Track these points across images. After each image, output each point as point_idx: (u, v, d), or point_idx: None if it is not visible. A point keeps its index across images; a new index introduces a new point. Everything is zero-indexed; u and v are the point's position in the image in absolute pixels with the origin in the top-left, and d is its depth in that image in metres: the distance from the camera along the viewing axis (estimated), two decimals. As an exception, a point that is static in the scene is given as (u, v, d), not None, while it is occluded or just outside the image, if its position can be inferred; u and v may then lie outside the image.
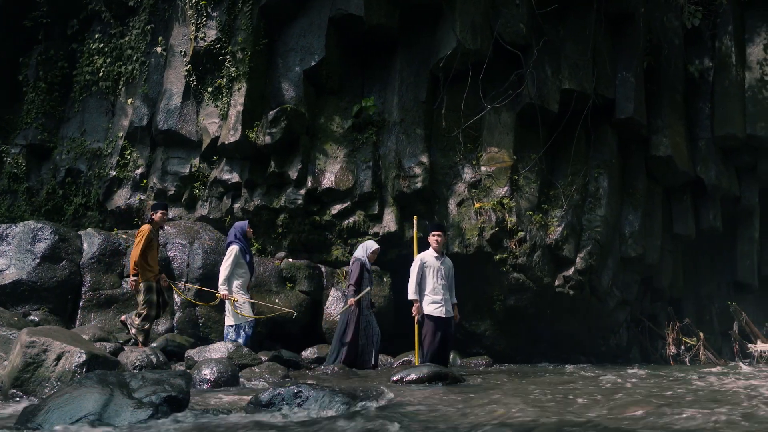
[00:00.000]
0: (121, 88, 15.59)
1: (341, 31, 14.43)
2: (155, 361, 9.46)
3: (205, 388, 8.44)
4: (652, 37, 16.29)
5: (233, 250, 11.32)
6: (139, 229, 11.23)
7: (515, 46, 14.33)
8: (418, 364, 10.59)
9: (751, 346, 16.00)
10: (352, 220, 14.01)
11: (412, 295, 10.59)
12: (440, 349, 10.53)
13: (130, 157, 15.02)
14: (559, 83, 14.80)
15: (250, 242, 11.90)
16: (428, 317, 10.54)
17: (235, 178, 14.17)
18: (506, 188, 14.01)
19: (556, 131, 14.74)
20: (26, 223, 12.46)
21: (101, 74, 15.69)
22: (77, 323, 11.69)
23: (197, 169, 14.59)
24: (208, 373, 8.76)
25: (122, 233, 13.06)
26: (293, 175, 13.93)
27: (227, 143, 13.96)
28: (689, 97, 17.03)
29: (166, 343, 10.93)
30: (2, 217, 15.02)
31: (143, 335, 10.75)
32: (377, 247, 11.87)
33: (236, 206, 14.19)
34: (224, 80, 14.37)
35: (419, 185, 13.86)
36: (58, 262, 11.90)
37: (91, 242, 12.37)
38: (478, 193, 14.06)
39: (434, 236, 10.81)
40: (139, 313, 10.78)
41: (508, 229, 13.79)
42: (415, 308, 10.59)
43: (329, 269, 13.76)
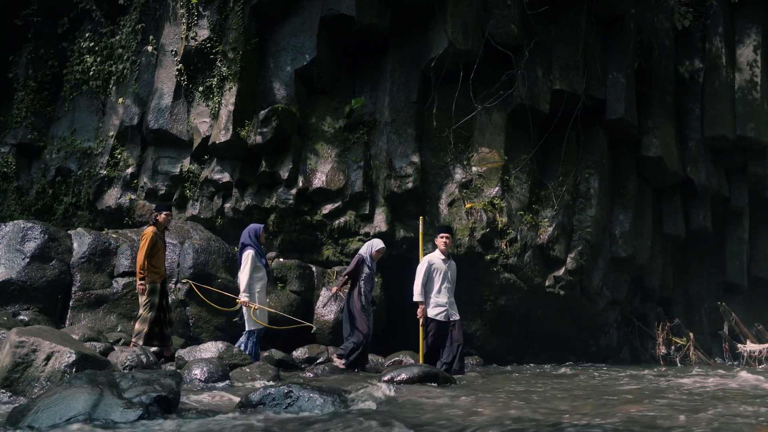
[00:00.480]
0: (111, 87, 15.54)
1: (333, 31, 14.42)
2: (145, 361, 9.44)
3: (195, 388, 8.43)
4: (642, 38, 16.33)
5: (249, 254, 10.89)
6: (143, 231, 11.12)
7: (506, 46, 14.35)
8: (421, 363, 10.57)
9: (740, 346, 16.04)
10: (343, 220, 14.01)
11: (417, 296, 10.55)
12: (435, 352, 10.51)
13: (120, 156, 14.98)
14: (550, 84, 14.83)
15: (262, 246, 11.62)
16: (433, 321, 10.53)
17: (225, 177, 14.15)
18: (497, 188, 14.03)
19: (547, 132, 14.76)
20: (16, 222, 12.41)
21: (92, 73, 15.64)
22: (67, 323, 11.66)
23: (188, 168, 14.56)
24: (198, 373, 8.76)
25: (112, 233, 13.03)
26: (284, 174, 13.91)
27: (218, 143, 13.93)
28: (679, 97, 17.08)
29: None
30: (-8, 216, 14.98)
31: (141, 338, 10.50)
32: (383, 246, 11.78)
33: (227, 206, 14.17)
34: (215, 80, 14.35)
35: (410, 185, 13.87)
36: (48, 261, 11.86)
37: (81, 242, 12.33)
38: (469, 193, 14.08)
39: (443, 238, 10.76)
40: (139, 314, 10.66)
41: (498, 229, 13.81)
42: (420, 310, 10.55)
43: (320, 269, 13.76)
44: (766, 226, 18.58)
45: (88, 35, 15.90)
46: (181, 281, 12.14)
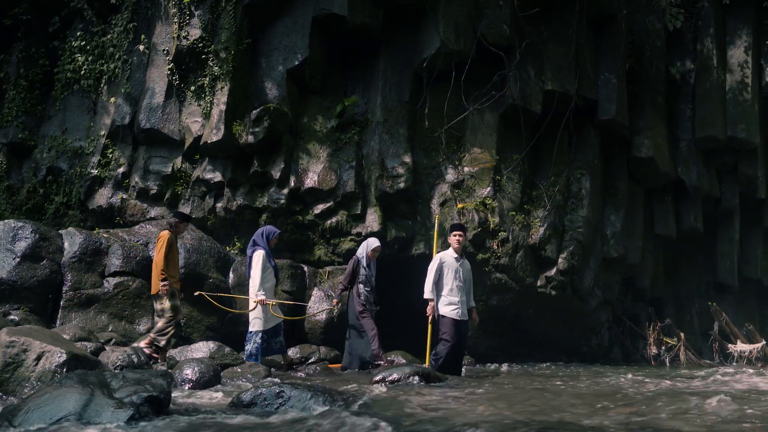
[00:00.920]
0: (103, 86, 15.48)
1: (325, 30, 14.41)
2: (136, 360, 9.43)
3: (186, 387, 8.41)
4: (634, 38, 16.37)
5: (260, 255, 11.12)
6: (159, 234, 11.16)
7: (498, 47, 14.36)
8: (428, 365, 10.42)
9: (730, 346, 16.11)
10: (334, 220, 14.01)
11: (428, 294, 10.45)
12: (455, 352, 10.39)
13: (111, 155, 14.93)
14: (541, 84, 14.85)
15: (272, 250, 11.69)
16: (444, 318, 10.40)
17: (217, 177, 14.13)
18: (489, 189, 14.04)
19: (538, 132, 14.78)
20: (6, 222, 12.34)
21: (83, 72, 15.58)
22: (58, 323, 11.60)
23: (180, 168, 14.53)
24: (189, 372, 8.74)
25: (104, 232, 12.98)
26: (276, 174, 13.90)
27: (210, 142, 13.91)
28: (671, 98, 17.13)
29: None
30: (-18, 215, 14.91)
31: (165, 339, 10.55)
32: (378, 244, 11.75)
33: (219, 205, 14.15)
34: (207, 79, 14.32)
35: (402, 185, 13.87)
36: (38, 261, 11.81)
37: (72, 241, 12.27)
38: (461, 193, 14.09)
39: (456, 236, 10.69)
40: (163, 325, 10.61)
41: (490, 229, 13.82)
42: (429, 308, 10.46)
43: (312, 269, 13.75)
44: (756, 226, 18.66)
45: (79, 34, 15.84)
46: (194, 294, 12.11)
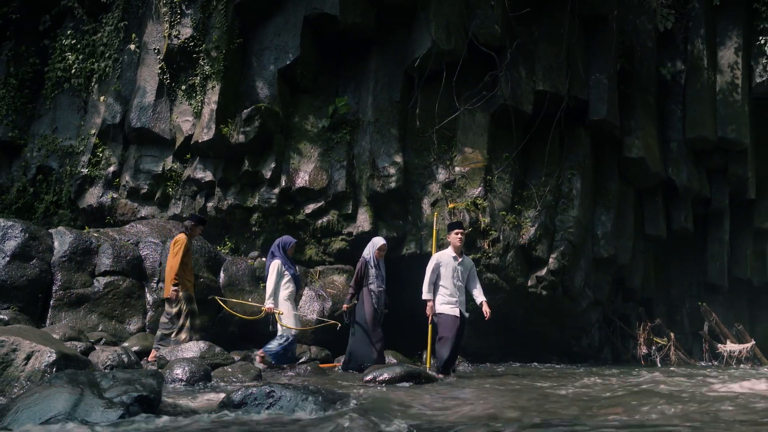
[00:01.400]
0: (93, 85, 15.44)
1: (316, 30, 14.41)
2: (126, 360, 9.40)
3: (177, 387, 8.39)
4: (625, 39, 16.41)
5: (275, 265, 11.29)
6: (175, 237, 11.37)
7: (489, 47, 14.37)
8: (429, 366, 10.39)
9: (720, 346, 16.16)
10: (325, 219, 14.01)
11: (426, 295, 10.40)
12: (454, 350, 10.36)
13: (102, 155, 14.89)
14: (533, 84, 14.87)
15: (291, 258, 11.75)
16: (443, 316, 10.35)
17: (208, 176, 14.12)
18: (480, 189, 14.05)
19: (529, 132, 14.81)
20: (-4, 221, 12.31)
21: (73, 71, 15.53)
22: (48, 322, 11.56)
23: (170, 167, 14.50)
24: (180, 372, 8.72)
25: (94, 232, 12.95)
26: (267, 174, 13.90)
27: (201, 142, 13.89)
28: (661, 99, 17.17)
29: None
30: (-28, 214, 14.84)
31: (187, 333, 10.95)
32: (383, 243, 11.59)
33: (209, 205, 14.14)
34: (198, 78, 14.30)
35: (393, 185, 13.88)
36: (28, 260, 11.75)
37: (62, 241, 12.22)
38: (452, 193, 14.10)
39: (458, 234, 10.59)
40: (180, 325, 10.97)
41: (481, 229, 13.83)
42: (428, 308, 10.41)
43: (303, 269, 13.73)
44: (746, 227, 18.71)
45: (69, 33, 15.79)
46: (208, 298, 12.16)
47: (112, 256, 12.22)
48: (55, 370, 7.13)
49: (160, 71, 14.58)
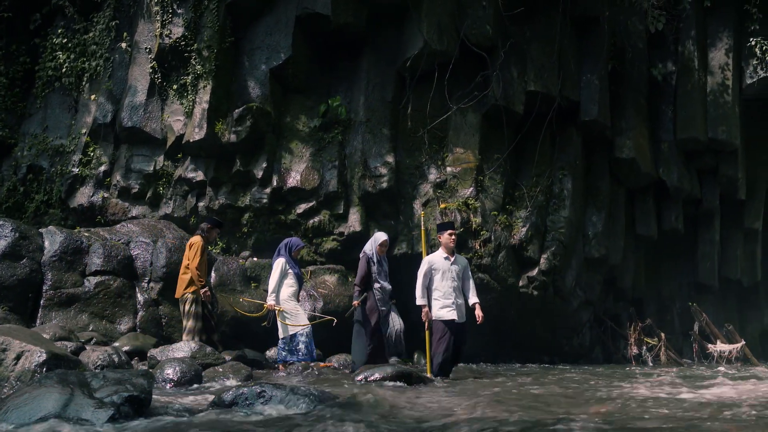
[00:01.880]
0: (84, 84, 15.39)
1: (308, 29, 14.39)
2: (117, 360, 9.39)
3: (167, 387, 8.38)
4: (616, 40, 16.44)
5: (280, 262, 11.49)
6: (191, 240, 11.56)
7: (481, 47, 14.38)
8: (429, 373, 10.21)
9: (710, 346, 16.21)
10: (317, 219, 14.01)
11: (419, 300, 10.20)
12: (454, 355, 10.23)
13: (93, 154, 14.85)
14: (524, 85, 14.89)
15: (296, 260, 11.88)
16: (437, 321, 10.19)
17: (199, 176, 14.10)
18: (471, 189, 14.07)
19: (521, 133, 14.83)
20: (-14, 220, 12.26)
21: (64, 70, 15.48)
22: (38, 322, 11.52)
23: (161, 167, 14.47)
24: (170, 372, 8.72)
25: (84, 231, 12.91)
26: (258, 173, 13.89)
27: (192, 141, 13.87)
28: (653, 100, 17.20)
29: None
30: (-39, 214, 14.77)
31: (190, 335, 11.04)
32: (385, 238, 11.42)
33: (201, 205, 14.12)
34: (190, 78, 14.27)
35: (385, 185, 13.88)
36: (18, 260, 11.71)
37: (52, 240, 12.18)
38: (443, 193, 14.11)
39: (451, 234, 10.45)
40: (188, 326, 11.12)
41: (473, 229, 13.84)
42: (424, 314, 10.20)
43: (294, 269, 13.72)
44: (736, 227, 18.77)
45: (60, 31, 15.73)
46: (231, 305, 12.27)
47: (102, 255, 12.18)
48: (45, 370, 7.12)
49: (151, 70, 14.54)
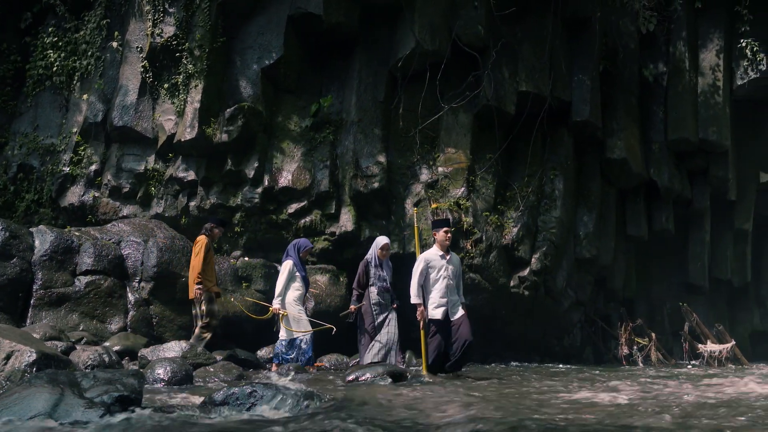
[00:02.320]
0: (75, 83, 15.35)
1: (300, 29, 14.39)
2: (107, 360, 9.37)
3: (158, 387, 8.37)
4: (608, 41, 16.48)
5: (288, 264, 11.56)
6: (196, 239, 11.68)
7: (473, 47, 14.40)
8: (425, 372, 10.20)
9: (701, 346, 16.25)
10: (308, 219, 14.00)
11: (414, 299, 10.15)
12: (444, 353, 10.15)
13: (84, 153, 14.81)
14: (516, 85, 14.91)
15: (304, 262, 11.99)
16: (431, 321, 10.16)
17: (191, 175, 14.08)
18: (463, 189, 14.08)
19: (512, 133, 14.85)
20: (-24, 219, 12.21)
21: (55, 69, 15.43)
22: (28, 322, 11.48)
23: (153, 166, 14.44)
24: (161, 372, 8.70)
25: (75, 231, 12.87)
26: (250, 173, 13.88)
27: (183, 141, 13.85)
28: (644, 100, 17.25)
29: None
30: (-49, 213, 14.72)
31: (202, 344, 11.09)
32: (386, 242, 11.52)
33: (192, 204, 14.10)
34: (181, 77, 14.25)
35: (376, 185, 13.88)
36: (8, 259, 11.67)
37: (43, 239, 12.14)
38: (434, 193, 14.12)
39: (447, 232, 10.38)
40: (202, 325, 11.23)
41: (464, 229, 13.85)
42: (419, 313, 10.17)
43: (285, 269, 13.72)
44: (727, 228, 18.84)
45: (51, 30, 15.69)
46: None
47: (93, 255, 12.14)
48: (35, 369, 7.10)
49: (142, 70, 14.52)
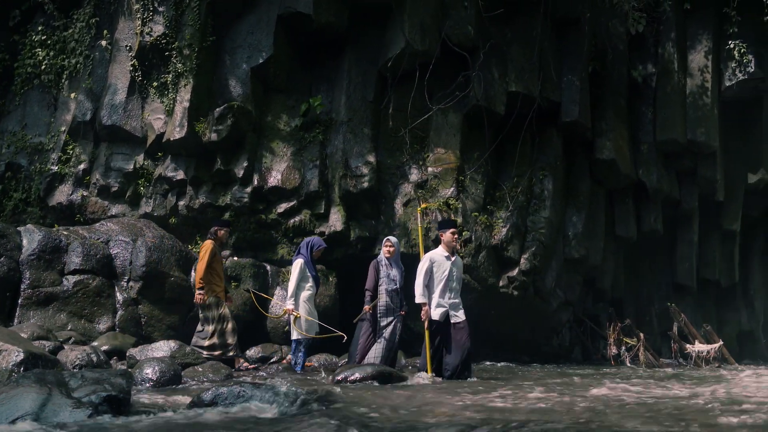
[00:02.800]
0: (64, 81, 15.29)
1: (290, 29, 14.38)
2: (96, 360, 9.34)
3: (146, 387, 8.35)
4: (597, 42, 16.53)
5: (299, 263, 11.37)
6: (202, 244, 11.67)
7: (463, 47, 14.41)
8: (429, 373, 10.05)
9: (689, 346, 16.31)
10: (298, 219, 13.99)
11: (419, 298, 10.01)
12: (461, 356, 9.91)
13: (72, 152, 14.76)
14: (505, 86, 14.93)
15: (315, 261, 11.84)
16: (434, 321, 10.02)
17: (180, 175, 14.04)
18: (452, 189, 14.09)
19: (502, 133, 14.87)
20: (-37, 218, 12.16)
21: (44, 67, 15.38)
22: (15, 321, 11.41)
23: (141, 165, 14.41)
24: (150, 372, 8.68)
25: (63, 230, 12.81)
26: (239, 172, 13.86)
27: (173, 140, 13.82)
28: (633, 101, 17.31)
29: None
30: (-62, 211, 14.65)
31: (235, 349, 11.13)
32: (387, 238, 11.36)
33: (181, 203, 14.07)
34: (170, 76, 14.21)
35: (366, 185, 13.88)
36: (-4, 258, 11.62)
37: (31, 239, 12.07)
38: (424, 193, 14.13)
39: (454, 233, 10.26)
40: (208, 331, 11.10)
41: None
42: (423, 312, 10.01)
43: (274, 268, 13.72)
44: (715, 229, 18.92)
45: (40, 28, 15.63)
46: (243, 290, 12.26)
47: (81, 254, 12.09)
48: (22, 369, 7.08)
49: (131, 68, 14.48)
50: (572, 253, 15.68)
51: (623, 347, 16.28)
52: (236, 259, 13.66)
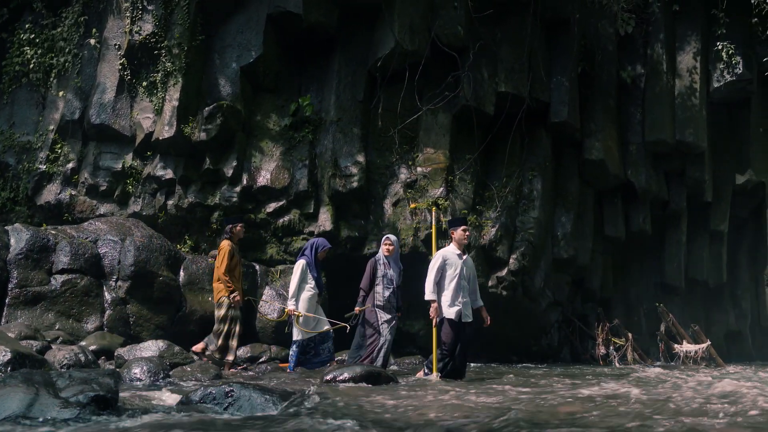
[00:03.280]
0: (52, 80, 15.23)
1: (279, 28, 14.37)
2: (83, 359, 9.31)
3: (135, 387, 8.32)
4: (586, 42, 16.59)
5: (300, 264, 11.26)
6: (219, 245, 11.45)
7: (452, 48, 14.44)
8: (435, 372, 10.02)
9: (677, 346, 16.38)
10: (287, 218, 13.98)
11: (429, 295, 9.87)
12: (455, 356, 9.91)
13: (60, 151, 14.70)
14: (495, 86, 14.96)
15: (320, 262, 11.68)
16: (443, 320, 9.92)
17: (169, 174, 14.01)
18: (442, 189, 14.11)
19: (491, 133, 14.90)
20: (-50, 217, 12.10)
21: (32, 66, 15.30)
22: (3, 321, 11.36)
23: (130, 164, 14.37)
24: (138, 371, 8.66)
25: (51, 229, 12.76)
26: (228, 172, 13.84)
27: (162, 139, 13.79)
28: (622, 102, 17.38)
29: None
30: (-75, 210, 14.57)
31: (232, 353, 11.04)
32: (386, 237, 11.26)
33: (170, 203, 14.03)
34: (159, 75, 14.18)
35: (355, 185, 13.88)
36: (-17, 257, 11.57)
37: (18, 238, 12.02)
38: (413, 193, 14.14)
39: (465, 230, 10.17)
40: (220, 332, 10.99)
41: (442, 229, 13.87)
42: (432, 309, 9.91)
43: (263, 268, 13.69)
44: (703, 229, 19.01)
45: (28, 27, 15.55)
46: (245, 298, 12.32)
47: (69, 253, 12.04)
48: (10, 369, 7.04)
49: (120, 67, 14.44)
50: (561, 253, 15.72)
51: (612, 347, 16.34)
52: (225, 258, 13.63)
